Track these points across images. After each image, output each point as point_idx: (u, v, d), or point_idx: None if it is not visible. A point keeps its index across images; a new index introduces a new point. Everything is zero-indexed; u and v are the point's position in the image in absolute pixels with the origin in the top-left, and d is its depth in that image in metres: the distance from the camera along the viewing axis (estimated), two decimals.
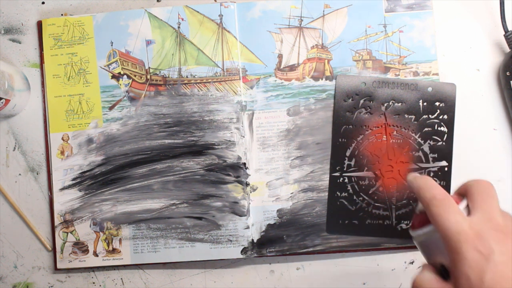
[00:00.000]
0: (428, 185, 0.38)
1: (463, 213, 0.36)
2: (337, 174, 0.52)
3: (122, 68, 0.54)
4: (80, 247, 0.54)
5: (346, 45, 0.53)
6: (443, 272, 0.38)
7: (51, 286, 0.55)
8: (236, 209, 0.53)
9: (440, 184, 0.51)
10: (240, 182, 0.53)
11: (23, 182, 0.55)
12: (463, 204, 0.38)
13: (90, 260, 0.54)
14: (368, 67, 0.53)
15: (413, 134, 0.52)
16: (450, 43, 0.54)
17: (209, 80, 0.54)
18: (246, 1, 0.54)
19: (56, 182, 0.54)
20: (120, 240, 0.54)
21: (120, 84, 0.54)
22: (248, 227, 0.52)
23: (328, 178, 0.52)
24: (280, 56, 0.54)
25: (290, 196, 0.53)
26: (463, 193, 0.39)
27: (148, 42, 0.54)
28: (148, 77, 0.54)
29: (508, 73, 0.51)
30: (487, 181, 0.38)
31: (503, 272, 0.34)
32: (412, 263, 0.53)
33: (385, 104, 0.52)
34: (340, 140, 0.52)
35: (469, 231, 0.35)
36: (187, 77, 0.54)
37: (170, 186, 0.53)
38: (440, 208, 0.36)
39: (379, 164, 0.52)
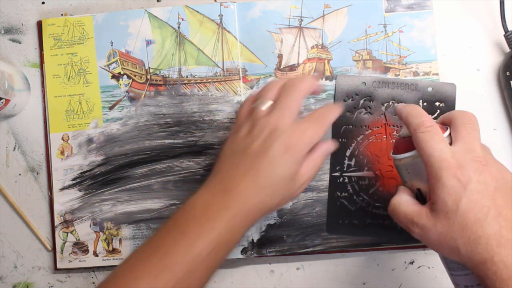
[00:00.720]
0: (416, 112, 0.40)
1: (447, 143, 0.38)
2: (337, 174, 0.52)
3: (122, 68, 0.54)
4: (80, 247, 0.54)
5: (346, 45, 0.53)
6: (419, 196, 0.40)
7: (51, 286, 0.55)
8: None
9: None
10: None
11: (23, 182, 0.55)
12: (447, 133, 0.39)
13: (90, 260, 0.54)
14: (368, 67, 0.53)
15: None
16: (450, 43, 0.54)
17: (209, 80, 0.54)
18: (246, 1, 0.54)
19: (56, 182, 0.54)
20: (120, 240, 0.54)
21: (120, 84, 0.54)
22: None
23: (328, 178, 0.52)
24: (280, 56, 0.54)
25: None
26: (447, 123, 0.40)
27: (148, 42, 0.54)
28: (148, 77, 0.54)
29: (508, 73, 0.51)
30: (472, 113, 0.40)
31: (477, 200, 0.36)
32: (412, 263, 0.53)
33: (385, 104, 0.52)
34: (340, 140, 0.52)
35: (451, 159, 0.37)
36: (187, 77, 0.54)
37: (170, 186, 0.53)
38: (426, 135, 0.38)
39: (379, 164, 0.52)
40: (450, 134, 0.39)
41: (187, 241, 0.40)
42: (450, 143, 0.39)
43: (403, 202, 0.40)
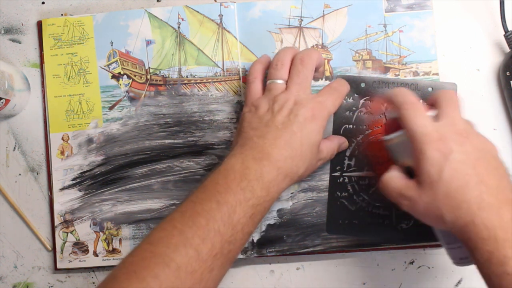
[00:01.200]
0: (401, 92, 0.43)
1: (431, 119, 0.41)
2: (337, 174, 0.52)
3: (122, 68, 0.54)
4: (80, 247, 0.54)
5: (346, 45, 0.53)
6: (408, 172, 0.43)
7: (51, 286, 0.55)
8: None
9: None
10: None
11: (23, 182, 0.55)
12: (432, 112, 0.42)
13: (90, 260, 0.54)
14: (368, 67, 0.53)
15: None
16: (450, 43, 0.54)
17: (209, 80, 0.54)
18: (246, 1, 0.54)
19: (56, 182, 0.54)
20: (120, 240, 0.54)
21: (120, 84, 0.54)
22: None
23: (328, 178, 0.52)
24: None
25: (290, 196, 0.53)
26: (432, 103, 0.44)
27: (148, 42, 0.54)
28: (148, 77, 0.54)
29: (508, 73, 0.51)
30: (453, 91, 0.44)
31: (459, 169, 0.39)
32: (412, 263, 0.53)
33: (385, 104, 0.52)
34: None
35: (433, 133, 0.40)
36: (187, 77, 0.54)
37: (170, 186, 0.53)
38: (410, 111, 0.41)
39: (379, 164, 0.52)
40: (435, 113, 0.42)
41: (228, 210, 0.40)
42: (436, 121, 0.41)
43: (393, 178, 0.43)
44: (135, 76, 0.54)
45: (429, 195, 0.39)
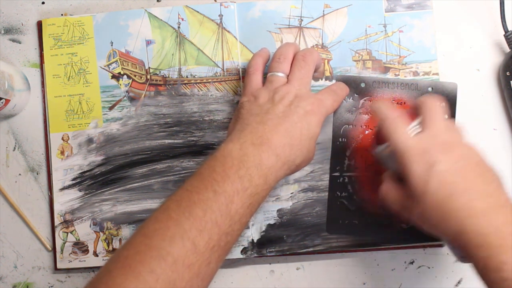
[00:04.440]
0: (383, 106, 0.44)
1: (417, 129, 0.42)
2: (337, 174, 0.52)
3: (122, 68, 0.54)
4: (80, 247, 0.54)
5: (346, 45, 0.53)
6: (401, 179, 0.43)
7: (51, 286, 0.55)
8: None
9: None
10: None
11: (23, 182, 0.55)
12: (416, 121, 0.43)
13: (90, 260, 0.54)
14: (368, 67, 0.53)
15: None
16: (450, 43, 0.54)
17: (209, 80, 0.54)
18: (246, 1, 0.54)
19: (56, 182, 0.54)
20: (120, 240, 0.54)
21: (120, 84, 0.54)
22: (248, 227, 0.52)
23: (328, 178, 0.52)
24: None
25: (290, 196, 0.53)
26: (418, 109, 0.44)
27: (148, 42, 0.54)
28: (148, 77, 0.54)
29: (508, 73, 0.51)
30: (434, 98, 0.43)
31: (444, 178, 0.39)
32: (412, 263, 0.53)
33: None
34: (340, 140, 0.52)
35: (415, 147, 0.40)
36: (187, 77, 0.54)
37: (170, 186, 0.53)
38: (391, 127, 0.42)
39: (379, 164, 0.52)
40: (419, 122, 0.42)
41: (226, 200, 0.39)
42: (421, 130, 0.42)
43: (391, 189, 0.43)
44: (135, 76, 0.54)
45: (419, 207, 0.39)
